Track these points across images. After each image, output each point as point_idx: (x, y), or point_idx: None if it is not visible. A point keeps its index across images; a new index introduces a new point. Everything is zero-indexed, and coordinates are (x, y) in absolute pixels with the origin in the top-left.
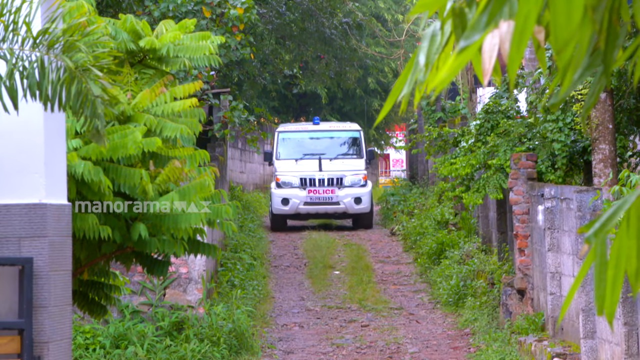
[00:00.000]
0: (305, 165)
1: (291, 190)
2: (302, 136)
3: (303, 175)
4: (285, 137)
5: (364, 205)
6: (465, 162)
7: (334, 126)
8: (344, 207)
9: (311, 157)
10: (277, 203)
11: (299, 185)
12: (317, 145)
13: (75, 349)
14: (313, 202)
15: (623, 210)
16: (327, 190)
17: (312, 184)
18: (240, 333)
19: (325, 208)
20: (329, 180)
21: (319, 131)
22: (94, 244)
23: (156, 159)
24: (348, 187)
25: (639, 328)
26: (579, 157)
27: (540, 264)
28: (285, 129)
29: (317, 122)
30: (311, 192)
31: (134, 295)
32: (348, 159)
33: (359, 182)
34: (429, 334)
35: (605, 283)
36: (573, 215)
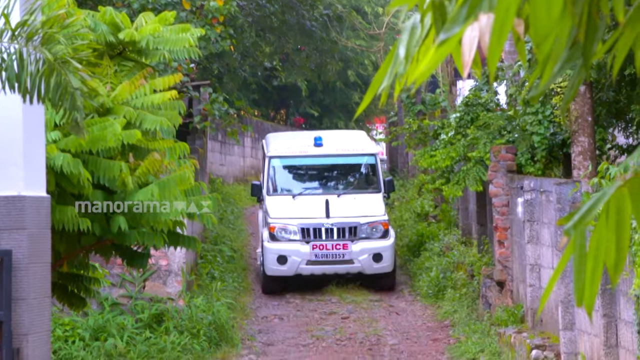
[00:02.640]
0: (306, 205)
1: (290, 245)
2: (301, 162)
3: (305, 224)
4: (278, 165)
5: (385, 264)
6: (445, 155)
7: (342, 147)
8: (359, 267)
9: (313, 191)
10: (271, 261)
11: (300, 237)
12: (321, 174)
13: (54, 341)
14: (319, 260)
15: (602, 203)
16: (337, 244)
17: (317, 235)
18: (220, 325)
19: (335, 268)
20: (339, 230)
21: (322, 156)
22: (73, 236)
23: (136, 151)
24: (364, 240)
25: (618, 320)
26: (558, 150)
27: (519, 256)
28: (278, 153)
29: (319, 143)
30: (316, 248)
31: (114, 287)
32: (362, 193)
33: (378, 231)
34: (408, 326)
35: (584, 275)
36: (552, 208)
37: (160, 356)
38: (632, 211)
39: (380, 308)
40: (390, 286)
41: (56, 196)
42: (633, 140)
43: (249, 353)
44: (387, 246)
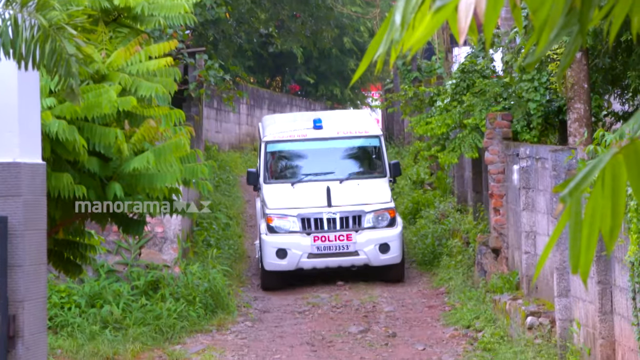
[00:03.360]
0: (306, 193)
1: (289, 237)
2: (299, 147)
3: (306, 214)
4: (276, 150)
5: (392, 254)
6: (440, 122)
7: (344, 129)
8: (365, 259)
9: (313, 178)
10: (270, 255)
11: (301, 229)
12: (321, 159)
13: (50, 308)
14: (321, 253)
15: (598, 170)
16: (341, 235)
17: (318, 226)
18: (216, 292)
19: (339, 261)
20: (342, 220)
21: (322, 139)
22: (69, 203)
23: (131, 118)
24: (369, 229)
25: (613, 286)
26: (554, 117)
27: (515, 223)
28: (275, 137)
29: (318, 125)
30: (318, 239)
31: (109, 254)
32: (366, 178)
33: (384, 220)
34: (404, 293)
35: (579, 242)
36: (548, 175)
37: (156, 323)
38: (627, 178)
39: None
40: (398, 279)
41: (51, 163)
42: (629, 107)
43: (244, 320)
44: (394, 235)
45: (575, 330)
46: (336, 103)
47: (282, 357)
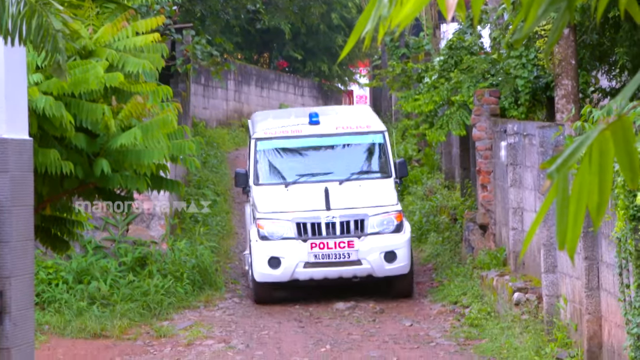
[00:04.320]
0: (302, 195)
1: (283, 244)
2: (294, 144)
3: (302, 219)
4: (267, 148)
5: (400, 264)
6: (428, 99)
7: (343, 124)
8: (368, 268)
9: (310, 179)
10: (261, 265)
11: (296, 235)
12: (318, 158)
13: (37, 284)
14: (319, 262)
15: (585, 146)
16: (341, 242)
17: (316, 231)
18: (203, 268)
19: (339, 271)
20: (342, 225)
21: (319, 136)
22: (56, 179)
23: (118, 94)
24: (373, 235)
25: (599, 262)
26: (541, 93)
27: (502, 199)
28: (266, 134)
29: (315, 120)
30: (315, 247)
31: (97, 230)
32: (368, 179)
33: (390, 225)
34: None
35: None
36: (535, 151)
37: (143, 299)
38: (614, 154)
39: None
40: (407, 292)
41: (38, 139)
42: (616, 83)
43: (232, 296)
44: (401, 242)
45: (562, 306)
46: (324, 79)
47: (270, 333)
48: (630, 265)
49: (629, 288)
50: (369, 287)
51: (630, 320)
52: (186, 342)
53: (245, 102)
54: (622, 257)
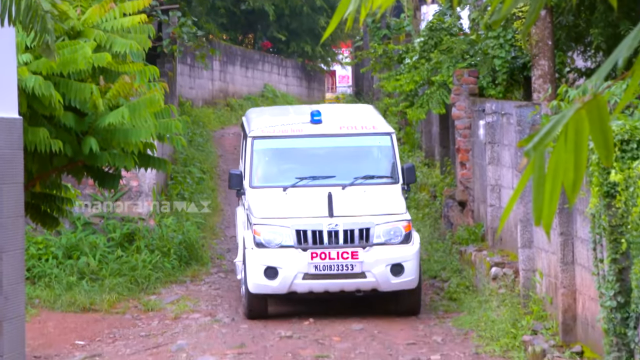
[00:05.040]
0: (302, 200)
1: (281, 253)
2: (294, 144)
3: (302, 226)
4: (265, 148)
5: (407, 277)
6: (409, 79)
7: (348, 124)
8: (373, 282)
9: (310, 182)
10: (256, 275)
11: (295, 243)
12: (320, 160)
13: (28, 259)
14: (320, 273)
15: (561, 125)
16: (344, 252)
17: (317, 240)
18: (190, 244)
19: (341, 284)
20: (346, 234)
21: (322, 136)
22: (45, 157)
23: (106, 74)
24: (379, 246)
25: (574, 237)
26: (519, 73)
27: (480, 176)
28: (263, 132)
29: (317, 119)
30: (316, 257)
31: (86, 207)
32: (374, 184)
33: (398, 235)
34: None
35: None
36: (513, 130)
37: (131, 274)
38: (589, 133)
39: None
40: (414, 308)
41: (28, 118)
42: (591, 64)
43: (218, 271)
44: (410, 255)
45: (537, 280)
46: (307, 60)
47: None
48: (603, 240)
49: (603, 262)
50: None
51: (603, 293)
52: (173, 315)
53: (230, 82)
54: (596, 232)
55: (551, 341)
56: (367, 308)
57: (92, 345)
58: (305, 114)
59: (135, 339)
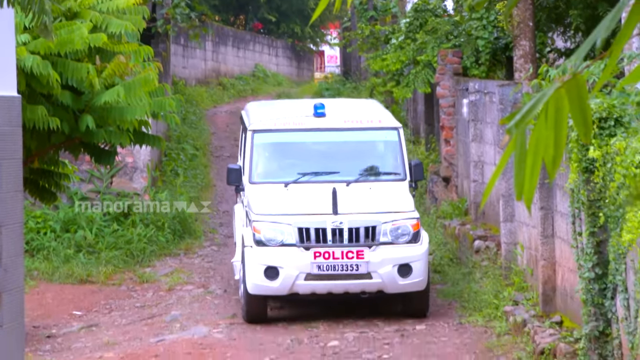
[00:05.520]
0: (305, 197)
1: (282, 251)
2: (296, 139)
3: (305, 224)
4: (265, 142)
5: (415, 279)
6: (395, 59)
7: (353, 118)
8: (379, 282)
9: (313, 178)
10: (256, 275)
11: (297, 241)
12: (323, 155)
13: (27, 233)
14: (323, 274)
15: (542, 103)
16: (349, 252)
17: (320, 239)
18: (183, 219)
19: (346, 285)
20: (351, 232)
21: (325, 130)
22: (43, 134)
23: (102, 54)
24: (386, 245)
25: (554, 212)
26: (501, 53)
27: (464, 153)
28: (264, 125)
29: (320, 112)
30: (320, 256)
31: (83, 182)
32: (379, 181)
33: (405, 234)
34: None
35: (524, 170)
36: (495, 108)
37: (127, 247)
38: (569, 110)
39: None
40: (422, 311)
41: (27, 96)
42: (571, 44)
43: (210, 245)
44: (418, 255)
45: (519, 253)
46: (297, 40)
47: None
48: (582, 214)
49: (581, 235)
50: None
51: (582, 265)
52: (167, 287)
53: (222, 62)
54: (575, 206)
55: (531, 311)
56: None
57: (89, 316)
58: (308, 107)
59: (130, 309)
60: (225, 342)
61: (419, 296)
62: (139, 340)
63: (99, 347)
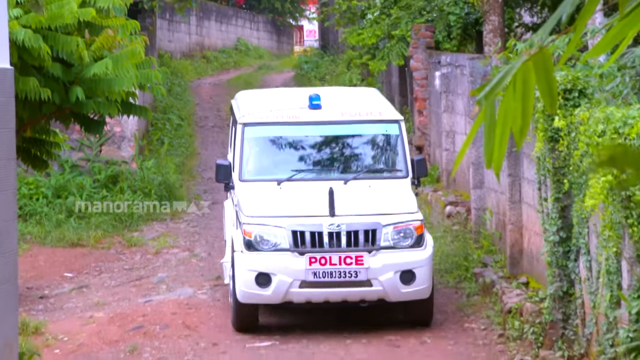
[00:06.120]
0: (299, 196)
1: (275, 257)
2: (289, 132)
3: (299, 226)
4: (257, 136)
5: (419, 286)
6: (371, 33)
7: (351, 110)
8: (380, 291)
9: (308, 175)
10: (246, 282)
11: (291, 246)
12: (319, 150)
13: (20, 199)
14: (319, 281)
15: (510, 75)
16: (348, 257)
17: (316, 242)
18: (169, 185)
19: (344, 292)
20: (349, 235)
21: (321, 123)
22: (35, 104)
23: (91, 28)
24: (388, 250)
25: (521, 179)
26: (471, 28)
27: (436, 123)
28: (255, 118)
29: (316, 104)
30: (315, 262)
31: (73, 151)
32: (380, 178)
33: (408, 237)
34: None
35: (493, 140)
36: (466, 80)
37: (115, 212)
38: (536, 82)
39: None
40: (425, 321)
41: (19, 68)
42: (538, 19)
43: (195, 210)
44: (422, 260)
45: (488, 218)
46: (277, 15)
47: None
48: (547, 181)
49: (547, 201)
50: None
51: (547, 229)
52: (154, 250)
53: (206, 36)
54: (541, 174)
55: (499, 273)
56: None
57: (80, 277)
58: (303, 98)
59: (119, 271)
60: (210, 302)
61: (422, 305)
62: (128, 300)
63: (89, 307)
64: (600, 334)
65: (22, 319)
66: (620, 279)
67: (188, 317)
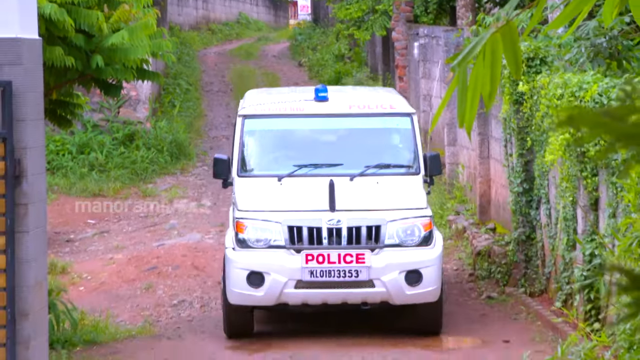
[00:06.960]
0: (298, 191)
1: (269, 254)
2: (293, 125)
3: (296, 221)
4: (258, 129)
5: (427, 288)
6: (357, 7)
7: (359, 103)
8: (383, 292)
9: (311, 171)
10: (237, 282)
11: (287, 242)
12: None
13: (48, 154)
14: (316, 282)
15: (480, 45)
16: (348, 255)
17: (314, 239)
18: (179, 143)
19: (343, 294)
20: (350, 232)
21: (327, 116)
22: (60, 71)
23: (109, 2)
24: (392, 248)
25: (490, 137)
26: (446, 3)
27: (415, 88)
28: (257, 110)
29: (322, 96)
30: (313, 260)
31: (94, 112)
32: (389, 174)
33: (415, 235)
34: None
35: (465, 102)
36: (441, 50)
37: (132, 167)
38: (503, 52)
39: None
40: (434, 326)
41: (46, 38)
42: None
43: (202, 165)
44: (430, 259)
45: (460, 172)
46: None
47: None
48: (512, 139)
49: (512, 156)
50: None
51: (512, 181)
52: (166, 200)
53: (211, 10)
54: (507, 132)
55: (470, 220)
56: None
57: (101, 224)
58: (309, 91)
59: (135, 219)
60: (215, 246)
61: (430, 308)
62: (143, 244)
63: (109, 250)
64: (558, 273)
65: (51, 260)
66: (575, 225)
67: (196, 259)
